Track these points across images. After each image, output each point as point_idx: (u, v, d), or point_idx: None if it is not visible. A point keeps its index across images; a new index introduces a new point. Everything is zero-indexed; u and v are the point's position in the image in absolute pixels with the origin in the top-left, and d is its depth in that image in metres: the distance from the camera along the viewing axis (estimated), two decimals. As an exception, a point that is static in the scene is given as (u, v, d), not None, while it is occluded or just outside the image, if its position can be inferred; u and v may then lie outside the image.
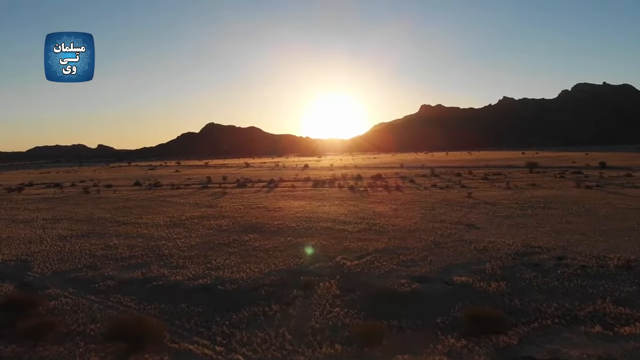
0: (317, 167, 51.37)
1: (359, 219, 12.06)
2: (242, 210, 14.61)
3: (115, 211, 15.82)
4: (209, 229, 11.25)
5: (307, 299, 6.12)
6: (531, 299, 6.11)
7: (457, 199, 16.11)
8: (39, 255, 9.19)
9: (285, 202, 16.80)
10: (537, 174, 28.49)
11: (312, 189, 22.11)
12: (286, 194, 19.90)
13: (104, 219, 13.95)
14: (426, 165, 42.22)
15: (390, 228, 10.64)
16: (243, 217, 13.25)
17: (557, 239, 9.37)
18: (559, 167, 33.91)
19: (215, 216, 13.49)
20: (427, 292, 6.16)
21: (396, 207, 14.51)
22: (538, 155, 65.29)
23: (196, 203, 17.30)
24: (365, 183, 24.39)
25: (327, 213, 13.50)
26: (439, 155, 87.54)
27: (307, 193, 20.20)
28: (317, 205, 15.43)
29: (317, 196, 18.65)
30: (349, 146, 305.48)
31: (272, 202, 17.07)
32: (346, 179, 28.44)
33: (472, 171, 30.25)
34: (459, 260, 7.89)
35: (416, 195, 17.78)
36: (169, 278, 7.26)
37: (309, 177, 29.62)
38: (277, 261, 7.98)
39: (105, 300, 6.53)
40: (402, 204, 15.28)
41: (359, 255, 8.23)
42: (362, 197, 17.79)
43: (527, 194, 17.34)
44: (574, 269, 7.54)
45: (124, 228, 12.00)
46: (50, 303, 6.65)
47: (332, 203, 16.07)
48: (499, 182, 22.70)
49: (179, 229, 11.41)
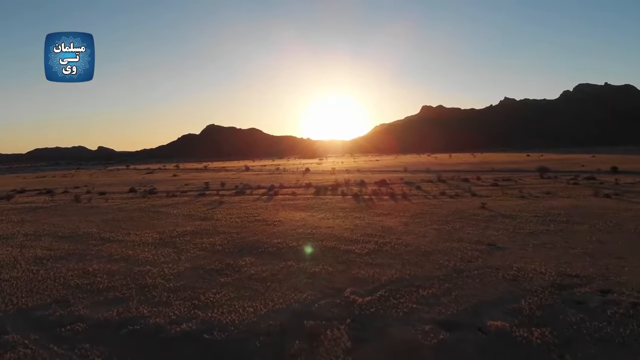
0: (319, 170, 50.32)
1: (367, 237, 10.96)
2: (239, 224, 13.51)
3: (103, 225, 14.73)
4: (200, 249, 10.15)
5: (313, 354, 5.03)
6: (585, 354, 5.02)
7: (471, 210, 15.00)
8: (7, 285, 8.07)
9: (286, 214, 15.71)
10: (548, 179, 27.37)
11: (313, 197, 21.02)
12: (287, 203, 18.81)
13: (89, 235, 12.86)
14: (431, 169, 41.12)
15: (402, 249, 9.53)
16: (239, 232, 12.15)
17: (594, 265, 8.26)
18: (570, 171, 32.78)
19: (209, 232, 12.39)
20: (459, 346, 5.06)
21: (406, 220, 13.40)
22: (543, 158, 64.26)
23: (190, 214, 16.21)
24: (370, 190, 23.29)
25: (331, 228, 12.39)
26: (442, 158, 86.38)
27: (309, 202, 19.11)
28: (320, 218, 14.33)
29: (320, 206, 17.55)
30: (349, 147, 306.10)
31: (271, 213, 15.98)
32: (349, 185, 27.35)
33: (480, 176, 29.12)
34: (488, 295, 6.78)
35: (425, 206, 16.68)
36: (148, 320, 6.16)
37: (310, 183, 28.54)
38: (276, 297, 6.87)
39: (70, 352, 5.44)
40: (412, 216, 14.17)
41: (371, 289, 7.10)
42: (367, 208, 16.68)
43: (544, 204, 16.22)
44: (624, 308, 6.42)
45: (108, 247, 10.90)
46: (5, 356, 5.59)
47: (336, 215, 14.96)
48: (511, 189, 21.59)
49: (167, 250, 10.31)
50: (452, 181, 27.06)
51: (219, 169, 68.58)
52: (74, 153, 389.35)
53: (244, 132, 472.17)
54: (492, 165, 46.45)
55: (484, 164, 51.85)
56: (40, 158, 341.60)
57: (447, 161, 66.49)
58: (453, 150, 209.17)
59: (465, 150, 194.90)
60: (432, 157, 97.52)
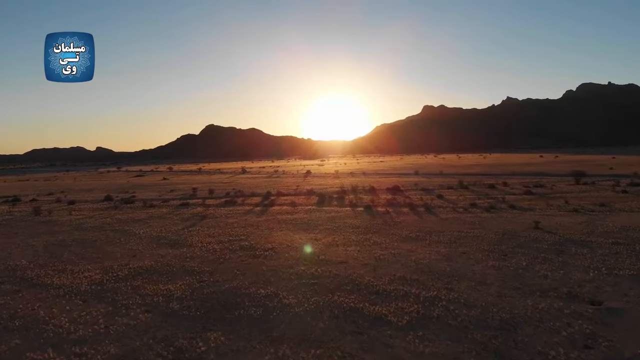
0: (321, 173, 46.79)
1: (400, 284, 7.41)
2: (217, 256, 9.96)
3: (43, 252, 11.19)
4: (146, 310, 6.61)
5: None
6: None
7: (524, 232, 11.44)
8: None
9: (282, 235, 12.16)
10: (585, 185, 23.83)
11: (316, 209, 17.48)
12: (283, 218, 15.28)
13: (11, 270, 9.32)
14: (445, 172, 37.56)
15: (464, 315, 5.96)
16: (214, 272, 8.61)
17: None
18: (604, 175, 29.22)
19: (172, 270, 8.84)
20: None
21: (445, 250, 9.84)
22: (559, 159, 60.80)
23: (159, 236, 12.65)
24: (383, 199, 19.73)
25: (345, 264, 8.85)
26: (451, 159, 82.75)
27: (311, 216, 15.57)
28: (327, 244, 10.78)
29: (325, 223, 14.00)
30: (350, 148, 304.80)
31: (263, 234, 12.44)
32: (357, 191, 23.81)
33: (506, 181, 25.52)
34: None
35: (461, 223, 13.12)
36: None
37: (312, 189, 24.99)
38: None
39: None
40: (451, 242, 10.61)
41: None
42: (386, 226, 13.12)
43: (611, 221, 12.63)
44: None
45: (20, 299, 7.37)
46: None
47: (348, 239, 11.41)
48: (553, 199, 18.03)
49: (99, 308, 6.78)
50: (476, 187, 23.48)
51: (214, 171, 65.09)
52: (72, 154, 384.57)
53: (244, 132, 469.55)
54: (507, 168, 42.90)
55: (498, 166, 48.29)
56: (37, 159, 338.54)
57: (458, 162, 62.88)
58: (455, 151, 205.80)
59: (468, 151, 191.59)
60: (440, 158, 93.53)
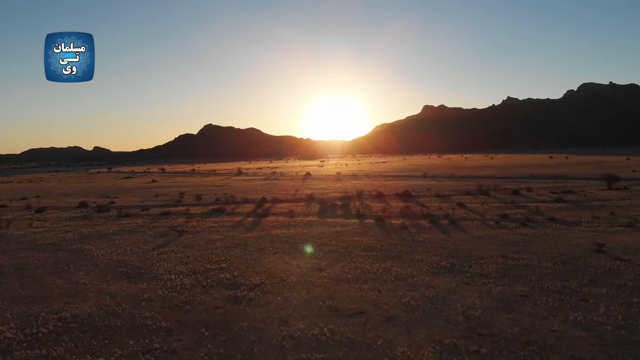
0: (321, 175, 44.12)
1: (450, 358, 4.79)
2: (184, 298, 7.24)
3: (-40, 284, 8.55)
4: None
5: None
6: None
7: (586, 258, 8.78)
8: None
9: (275, 264, 9.47)
10: (618, 190, 21.24)
11: (318, 220, 14.82)
12: (279, 235, 12.61)
13: None
14: (456, 175, 34.91)
15: None
16: (171, 332, 5.87)
17: None
18: (636, 179, 26.62)
19: (115, 324, 6.12)
20: None
21: (497, 290, 7.10)
22: (569, 161, 58.27)
23: (120, 261, 9.95)
24: (395, 207, 17.08)
25: (362, 317, 6.18)
26: (456, 159, 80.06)
27: (312, 232, 12.90)
28: (334, 280, 8.07)
29: (329, 242, 11.31)
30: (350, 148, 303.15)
31: (251, 260, 9.75)
32: (363, 197, 21.17)
33: (530, 186, 22.85)
34: None
35: (500, 244, 10.45)
36: None
37: (312, 195, 22.34)
38: None
39: None
40: (499, 275, 7.92)
41: None
42: (408, 249, 10.42)
43: (691, 242, 10.04)
44: None
45: None
46: None
47: (361, 269, 8.73)
48: (593, 209, 15.39)
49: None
50: (498, 194, 20.82)
51: (208, 172, 62.40)
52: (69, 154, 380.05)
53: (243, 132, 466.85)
54: (521, 170, 40.28)
55: (510, 167, 45.65)
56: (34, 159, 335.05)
57: (464, 164, 60.18)
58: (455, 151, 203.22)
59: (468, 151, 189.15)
60: (445, 158, 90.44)
